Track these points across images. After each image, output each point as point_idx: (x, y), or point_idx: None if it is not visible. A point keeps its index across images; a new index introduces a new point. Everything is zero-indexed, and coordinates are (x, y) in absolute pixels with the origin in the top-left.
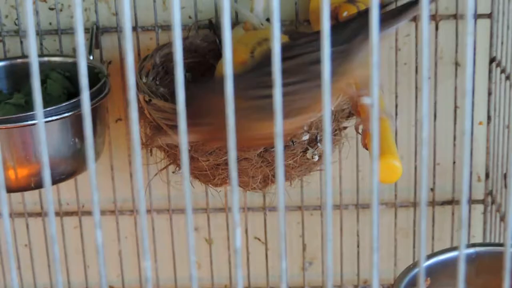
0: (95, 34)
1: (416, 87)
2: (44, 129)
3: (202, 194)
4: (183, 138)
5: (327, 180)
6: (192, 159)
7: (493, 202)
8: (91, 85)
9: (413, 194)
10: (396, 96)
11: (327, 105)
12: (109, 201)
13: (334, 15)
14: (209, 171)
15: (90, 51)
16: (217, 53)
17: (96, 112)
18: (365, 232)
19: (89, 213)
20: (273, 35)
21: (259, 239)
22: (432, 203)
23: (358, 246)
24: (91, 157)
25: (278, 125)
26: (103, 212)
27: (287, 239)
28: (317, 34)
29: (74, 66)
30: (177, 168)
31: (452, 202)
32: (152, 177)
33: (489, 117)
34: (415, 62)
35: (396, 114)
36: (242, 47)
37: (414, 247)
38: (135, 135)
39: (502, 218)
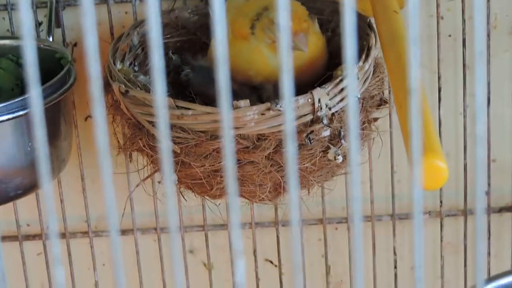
0: (54, 9)
1: (464, 65)
2: None
3: (198, 208)
4: (165, 137)
5: (354, 185)
6: (183, 164)
7: None
8: (52, 74)
9: (462, 200)
10: (439, 78)
11: (352, 85)
12: (81, 219)
13: None
14: (205, 180)
15: (49, 31)
16: (211, 29)
17: (59, 109)
18: (404, 248)
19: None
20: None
21: (271, 262)
22: (487, 210)
23: (395, 267)
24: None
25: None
26: (73, 234)
27: (306, 259)
28: None
29: None
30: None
31: None
32: (134, 189)
33: None
34: (462, 33)
35: (439, 100)
36: (242, 18)
37: (465, 265)
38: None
39: None
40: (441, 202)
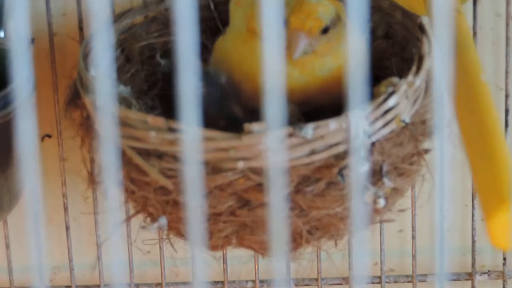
0: None
1: None
2: None
3: (184, 261)
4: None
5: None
6: (174, 205)
7: None
8: (5, 80)
9: None
10: (507, 96)
11: None
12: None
13: None
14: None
15: (0, 24)
16: (213, 26)
17: (10, 127)
18: None
19: None
20: None
21: None
22: None
23: None
24: None
25: None
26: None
27: None
28: None
29: None
30: (148, 218)
31: None
32: (106, 238)
33: None
34: None
35: (506, 125)
36: (239, 11)
37: None
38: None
39: None
40: (504, 259)
